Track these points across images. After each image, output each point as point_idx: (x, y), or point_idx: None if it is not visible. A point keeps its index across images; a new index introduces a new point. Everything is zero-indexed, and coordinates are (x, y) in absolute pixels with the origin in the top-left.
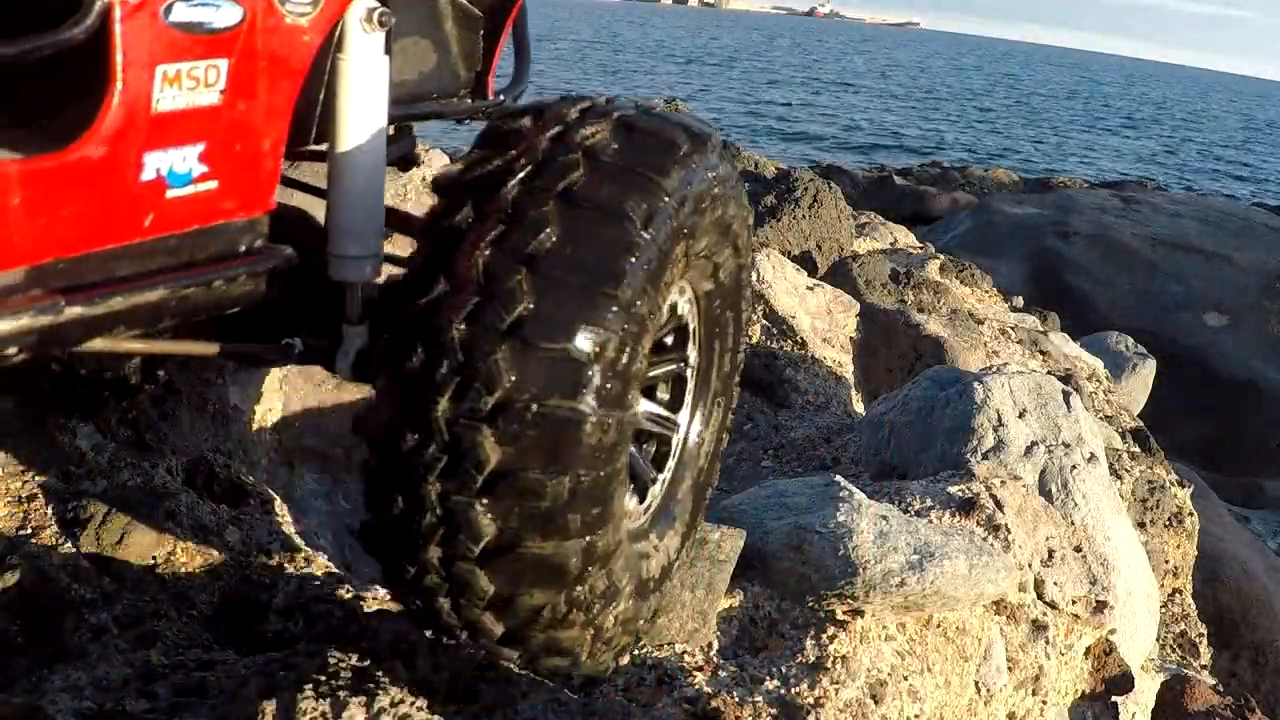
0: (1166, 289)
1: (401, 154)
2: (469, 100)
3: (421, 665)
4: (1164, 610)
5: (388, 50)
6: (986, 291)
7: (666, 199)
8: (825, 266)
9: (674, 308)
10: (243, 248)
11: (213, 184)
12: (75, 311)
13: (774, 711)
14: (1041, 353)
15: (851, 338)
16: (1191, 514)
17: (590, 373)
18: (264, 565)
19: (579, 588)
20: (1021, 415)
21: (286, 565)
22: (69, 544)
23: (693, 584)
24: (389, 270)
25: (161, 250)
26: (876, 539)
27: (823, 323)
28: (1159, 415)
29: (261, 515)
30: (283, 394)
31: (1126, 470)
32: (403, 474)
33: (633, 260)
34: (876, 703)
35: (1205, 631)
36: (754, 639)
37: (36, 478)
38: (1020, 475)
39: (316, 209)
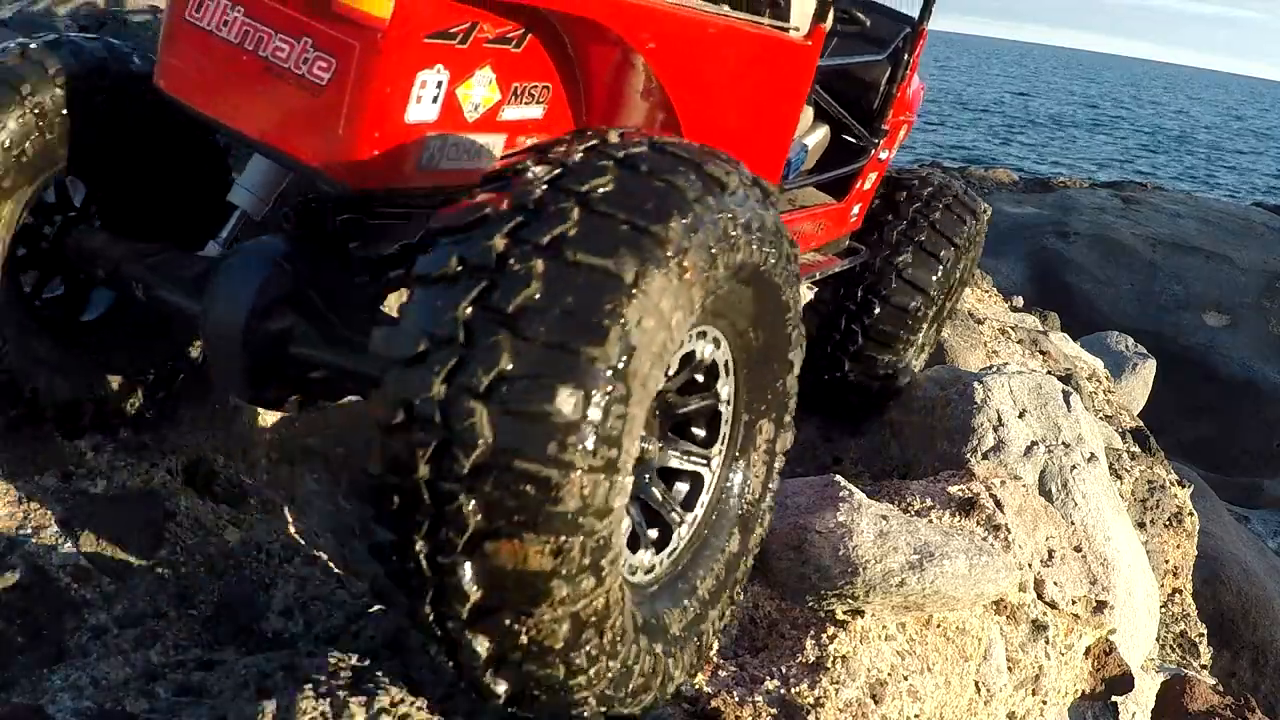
0: (1166, 289)
1: None
2: None
3: (421, 665)
4: (1164, 610)
5: None
6: (986, 291)
7: None
8: None
9: None
10: None
11: None
12: None
13: (774, 711)
14: (1041, 353)
15: None
16: (1191, 514)
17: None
18: (264, 565)
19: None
20: (1021, 415)
21: (286, 565)
22: (69, 544)
23: None
24: None
25: None
26: (876, 539)
27: None
28: (1159, 415)
29: (261, 515)
30: None
31: (1126, 470)
32: None
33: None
34: (876, 703)
35: (1205, 631)
36: (754, 639)
37: (36, 478)
38: (1020, 475)
39: None
